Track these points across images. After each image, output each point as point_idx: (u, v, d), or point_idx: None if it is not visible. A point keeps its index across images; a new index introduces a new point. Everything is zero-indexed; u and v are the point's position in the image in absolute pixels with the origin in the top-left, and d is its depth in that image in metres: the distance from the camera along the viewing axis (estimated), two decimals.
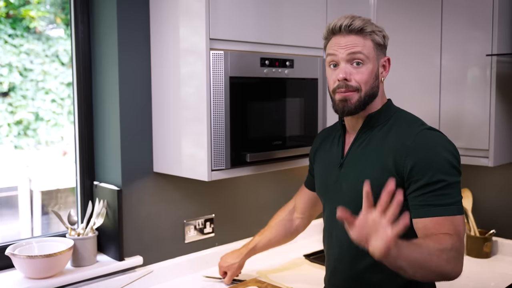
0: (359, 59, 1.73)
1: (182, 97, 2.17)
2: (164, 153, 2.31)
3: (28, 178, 3.99)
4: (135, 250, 2.33)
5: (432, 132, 1.69)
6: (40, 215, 3.98)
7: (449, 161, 1.61)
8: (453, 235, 1.55)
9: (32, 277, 2.07)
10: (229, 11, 2.12)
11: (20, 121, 4.14)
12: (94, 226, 2.25)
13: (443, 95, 2.63)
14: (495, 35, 2.43)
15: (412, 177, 1.63)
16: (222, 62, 2.06)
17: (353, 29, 1.73)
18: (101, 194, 2.31)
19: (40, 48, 4.18)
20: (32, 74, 4.17)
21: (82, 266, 2.21)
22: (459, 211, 1.59)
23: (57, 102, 4.26)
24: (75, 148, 2.38)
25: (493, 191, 2.90)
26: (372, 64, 1.75)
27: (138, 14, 2.28)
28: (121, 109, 2.25)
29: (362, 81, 1.73)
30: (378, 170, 1.69)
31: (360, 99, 1.73)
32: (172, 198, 2.45)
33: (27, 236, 3.88)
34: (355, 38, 1.73)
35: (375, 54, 1.76)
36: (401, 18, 2.76)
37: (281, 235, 2.31)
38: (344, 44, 1.74)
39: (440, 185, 1.59)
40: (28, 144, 4.19)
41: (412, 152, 1.63)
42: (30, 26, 4.05)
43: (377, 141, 1.75)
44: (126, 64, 2.25)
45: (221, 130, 2.08)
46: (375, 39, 1.76)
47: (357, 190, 1.70)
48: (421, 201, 1.61)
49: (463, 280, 2.47)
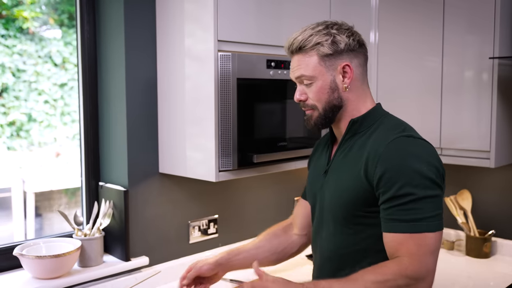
0: (305, 80, 1.66)
1: (189, 98, 2.18)
2: (170, 154, 2.32)
3: (21, 179, 3.97)
4: (140, 250, 2.34)
5: (408, 139, 1.55)
6: (34, 217, 3.96)
7: (420, 173, 1.48)
8: (410, 257, 1.46)
9: (40, 277, 2.07)
10: (236, 13, 2.14)
11: (13, 122, 4.11)
12: (101, 227, 2.25)
13: (445, 97, 2.67)
14: (497, 38, 2.46)
15: (380, 188, 1.52)
16: (229, 64, 2.08)
17: (293, 50, 1.67)
18: (107, 194, 2.31)
19: (33, 49, 4.15)
20: (25, 75, 4.14)
21: (89, 267, 2.21)
22: (429, 228, 1.46)
23: (50, 103, 4.24)
24: (80, 148, 2.37)
25: (492, 192, 2.94)
26: (321, 79, 1.65)
27: (145, 15, 2.29)
28: (127, 110, 2.25)
29: (315, 99, 1.66)
30: (353, 179, 1.60)
31: (320, 115, 1.68)
32: (177, 198, 2.45)
33: (21, 238, 3.86)
34: (298, 59, 1.67)
35: (323, 67, 1.64)
36: (403, 20, 2.80)
37: (272, 246, 1.97)
38: (292, 67, 1.70)
39: (408, 198, 1.47)
40: (21, 145, 4.16)
41: (382, 161, 1.52)
42: (23, 27, 4.03)
43: (357, 147, 1.65)
44: (133, 64, 2.26)
45: (229, 131, 2.10)
46: (321, 51, 1.63)
47: (335, 199, 1.66)
48: (387, 215, 1.51)
49: (463, 280, 2.52)
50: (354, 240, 1.63)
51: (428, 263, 1.47)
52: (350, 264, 1.60)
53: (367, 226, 1.60)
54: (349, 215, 1.62)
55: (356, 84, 1.67)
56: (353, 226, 1.62)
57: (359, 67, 1.68)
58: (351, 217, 1.62)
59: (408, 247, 1.47)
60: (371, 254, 1.60)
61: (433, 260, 1.48)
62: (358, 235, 1.62)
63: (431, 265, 1.47)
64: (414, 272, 1.45)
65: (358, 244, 1.62)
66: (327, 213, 1.71)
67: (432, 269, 1.48)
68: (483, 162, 2.56)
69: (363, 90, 1.70)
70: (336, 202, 1.65)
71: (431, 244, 1.47)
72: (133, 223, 2.30)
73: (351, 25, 1.71)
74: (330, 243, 1.70)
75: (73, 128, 4.37)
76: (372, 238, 1.59)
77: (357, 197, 1.58)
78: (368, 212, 1.58)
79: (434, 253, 1.48)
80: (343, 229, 1.65)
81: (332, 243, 1.69)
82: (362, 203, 1.58)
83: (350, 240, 1.64)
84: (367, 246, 1.61)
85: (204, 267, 1.87)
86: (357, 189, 1.57)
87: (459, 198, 2.93)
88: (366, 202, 1.57)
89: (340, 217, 1.65)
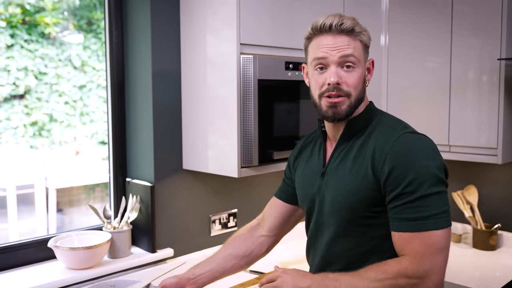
0: (351, 62, 1.57)
1: (212, 98, 2.30)
2: (193, 151, 2.44)
3: (44, 176, 4.10)
4: (166, 242, 2.46)
5: (413, 136, 1.54)
6: (55, 212, 4.09)
7: (428, 169, 1.46)
8: (413, 256, 1.44)
9: (73, 267, 2.19)
10: (255, 17, 2.25)
11: (35, 122, 4.25)
12: (129, 220, 2.38)
13: (453, 97, 2.74)
14: (503, 40, 2.53)
15: (388, 186, 1.50)
16: (251, 66, 2.19)
17: (344, 29, 1.56)
18: (134, 190, 2.44)
19: (54, 53, 4.28)
20: (47, 77, 4.28)
21: (118, 258, 2.33)
22: (437, 226, 1.44)
23: (70, 104, 4.37)
24: (108, 146, 2.49)
25: (498, 187, 3.01)
26: (362, 67, 1.60)
27: (170, 21, 2.41)
28: (154, 110, 2.37)
29: (353, 86, 1.58)
30: (358, 180, 1.56)
31: (351, 104, 1.59)
32: (200, 193, 2.58)
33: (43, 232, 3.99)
34: (346, 39, 1.56)
35: (363, 56, 1.61)
36: (412, 22, 2.88)
37: (240, 253, 1.90)
38: (334, 46, 1.56)
39: (415, 196, 1.45)
40: (42, 144, 4.30)
41: (389, 159, 1.49)
42: (45, 32, 4.16)
43: (357, 148, 1.60)
44: (159, 67, 2.38)
45: (250, 129, 2.21)
46: (364, 40, 1.60)
47: (337, 201, 1.61)
48: (394, 213, 1.49)
49: (470, 271, 2.62)
50: (359, 242, 1.60)
51: (433, 262, 1.43)
52: (355, 266, 1.55)
53: (371, 227, 1.58)
54: (354, 217, 1.58)
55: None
56: (357, 228, 1.59)
57: None
58: (356, 218, 1.58)
59: (414, 246, 1.45)
60: (376, 255, 1.57)
61: (440, 258, 1.44)
62: (362, 237, 1.59)
63: (437, 263, 1.44)
64: (414, 272, 1.42)
65: (363, 246, 1.59)
66: (328, 216, 1.66)
67: (439, 267, 1.44)
68: (491, 159, 2.63)
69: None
70: (340, 204, 1.60)
71: (438, 242, 1.44)
72: (159, 217, 2.42)
73: None
74: (332, 246, 1.66)
75: (91, 128, 4.49)
76: (377, 239, 1.58)
77: (364, 197, 1.55)
78: (374, 212, 1.56)
79: (443, 251, 1.45)
80: (347, 232, 1.61)
81: (335, 246, 1.65)
82: (369, 203, 1.55)
83: (355, 242, 1.60)
84: (372, 248, 1.59)
85: (167, 280, 1.78)
86: (364, 189, 1.54)
87: (466, 193, 3.01)
88: (372, 201, 1.54)
89: (344, 219, 1.60)
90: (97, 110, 4.53)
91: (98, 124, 4.51)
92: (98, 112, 4.55)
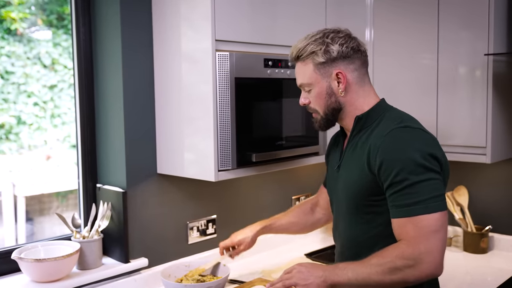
0: (305, 87, 1.81)
1: (187, 98, 2.18)
2: (167, 155, 2.31)
3: (11, 183, 3.93)
4: (139, 252, 2.33)
5: (403, 130, 1.67)
6: (24, 221, 3.92)
7: (414, 160, 1.58)
8: (408, 240, 1.56)
9: (40, 280, 2.05)
10: (233, 12, 2.14)
11: (2, 125, 4.07)
12: (99, 229, 2.23)
13: (440, 94, 2.68)
14: (491, 34, 2.48)
15: (381, 178, 1.64)
16: (227, 63, 2.08)
17: (292, 59, 1.82)
18: (105, 196, 2.30)
19: (22, 50, 4.12)
20: (14, 77, 4.10)
21: (88, 269, 2.19)
22: (427, 210, 1.56)
23: (40, 105, 4.20)
24: (77, 150, 2.36)
25: (489, 188, 2.97)
26: (318, 86, 1.78)
27: (141, 16, 2.28)
28: (125, 111, 2.24)
29: (315, 104, 1.81)
30: (358, 172, 1.73)
31: (322, 118, 1.82)
32: (176, 199, 2.45)
33: (12, 243, 3.82)
34: (298, 68, 1.81)
35: (318, 75, 1.77)
36: (398, 17, 2.81)
37: (302, 221, 2.26)
38: (295, 75, 1.84)
39: (404, 184, 1.58)
40: (10, 148, 4.12)
41: (380, 152, 1.64)
42: (11, 28, 4.00)
43: (361, 143, 1.76)
44: (130, 65, 2.25)
45: (227, 130, 2.10)
46: (315, 60, 1.76)
47: (345, 192, 1.81)
48: (390, 202, 1.63)
49: (461, 275, 2.54)
50: (366, 228, 1.76)
51: (428, 244, 1.54)
52: (365, 251, 1.69)
53: (376, 214, 1.72)
54: (359, 205, 1.75)
55: (353, 87, 1.78)
56: (364, 216, 1.75)
57: (355, 71, 1.77)
58: (361, 207, 1.75)
59: (407, 230, 1.58)
60: (381, 240, 1.70)
61: (434, 241, 1.55)
62: (369, 224, 1.75)
63: (432, 246, 1.54)
64: (410, 254, 1.54)
65: (370, 231, 1.75)
66: (341, 206, 1.85)
67: (434, 249, 1.54)
68: (479, 158, 2.58)
69: (363, 91, 1.80)
70: (346, 194, 1.80)
71: (430, 225, 1.55)
72: (132, 225, 2.29)
73: (348, 32, 1.80)
74: (346, 233, 1.85)
75: (63, 131, 4.34)
76: (382, 225, 1.71)
77: (362, 188, 1.72)
78: (374, 201, 1.70)
79: (437, 233, 1.55)
80: (357, 219, 1.78)
81: (348, 233, 1.84)
82: (368, 193, 1.71)
83: (363, 229, 1.77)
84: (378, 233, 1.73)
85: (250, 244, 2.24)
86: (362, 181, 1.71)
87: (456, 194, 2.94)
88: (371, 191, 1.69)
89: (351, 208, 1.79)
90: (69, 112, 4.35)
91: (70, 126, 4.33)
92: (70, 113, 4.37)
